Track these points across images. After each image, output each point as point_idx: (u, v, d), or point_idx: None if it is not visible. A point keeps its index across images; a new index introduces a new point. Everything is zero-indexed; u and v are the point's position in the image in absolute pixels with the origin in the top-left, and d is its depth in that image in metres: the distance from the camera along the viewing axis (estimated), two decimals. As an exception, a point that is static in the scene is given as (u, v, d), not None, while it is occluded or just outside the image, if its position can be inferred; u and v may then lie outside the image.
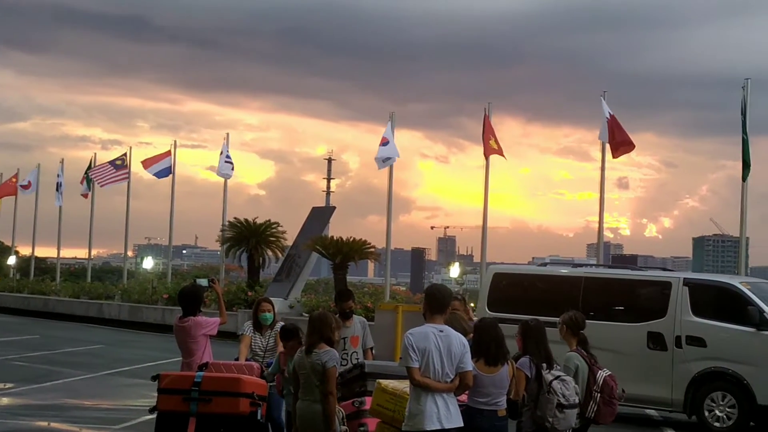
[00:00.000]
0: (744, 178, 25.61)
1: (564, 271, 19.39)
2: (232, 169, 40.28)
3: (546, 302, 17.98)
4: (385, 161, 31.79)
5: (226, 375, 10.10)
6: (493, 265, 20.87)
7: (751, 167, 25.57)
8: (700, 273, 17.74)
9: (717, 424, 16.39)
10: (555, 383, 8.93)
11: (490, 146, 29.98)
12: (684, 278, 17.32)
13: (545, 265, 20.47)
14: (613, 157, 27.98)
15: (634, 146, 28.03)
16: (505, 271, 20.69)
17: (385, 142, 31.63)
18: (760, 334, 16.09)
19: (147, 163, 43.03)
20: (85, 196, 47.17)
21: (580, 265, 21.65)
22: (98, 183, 44.70)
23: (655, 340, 16.98)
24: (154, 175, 42.79)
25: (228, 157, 39.85)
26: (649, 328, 17.10)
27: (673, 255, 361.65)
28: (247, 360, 11.30)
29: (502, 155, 30.69)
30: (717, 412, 16.43)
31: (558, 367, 9.31)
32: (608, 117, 27.55)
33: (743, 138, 25.35)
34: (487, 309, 18.59)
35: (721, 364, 16.42)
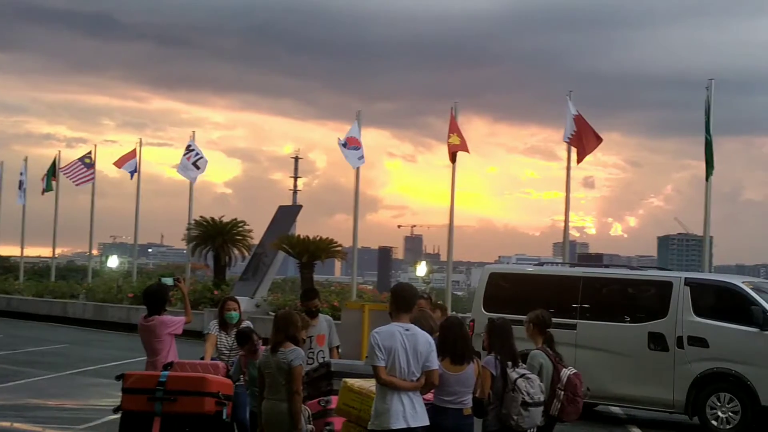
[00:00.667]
0: (707, 178, 25.80)
1: (561, 270, 19.12)
2: (199, 169, 39.72)
3: (543, 302, 17.58)
4: (360, 159, 31.98)
5: (192, 374, 10.03)
6: (489, 265, 20.38)
7: (714, 167, 25.78)
8: (701, 273, 17.73)
9: (719, 426, 16.10)
10: (520, 381, 8.94)
11: (452, 143, 29.82)
12: (685, 278, 17.00)
13: (541, 264, 20.26)
14: (578, 162, 28.10)
15: (601, 140, 28.09)
16: (501, 270, 20.23)
17: (354, 145, 31.64)
18: (763, 334, 15.82)
19: (120, 162, 42.79)
20: (42, 192, 46.78)
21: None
22: (74, 182, 44.35)
23: (656, 341, 16.66)
24: (129, 172, 42.58)
25: (197, 155, 39.36)
26: (650, 328, 16.80)
27: (638, 254, 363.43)
28: (212, 359, 11.23)
29: (466, 150, 30.57)
30: (719, 413, 16.13)
31: (523, 366, 9.33)
32: (574, 116, 27.67)
33: (706, 138, 25.53)
34: (482, 309, 18.39)
35: (723, 365, 16.10)
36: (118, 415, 9.94)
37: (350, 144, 31.79)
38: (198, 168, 39.33)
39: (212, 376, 9.91)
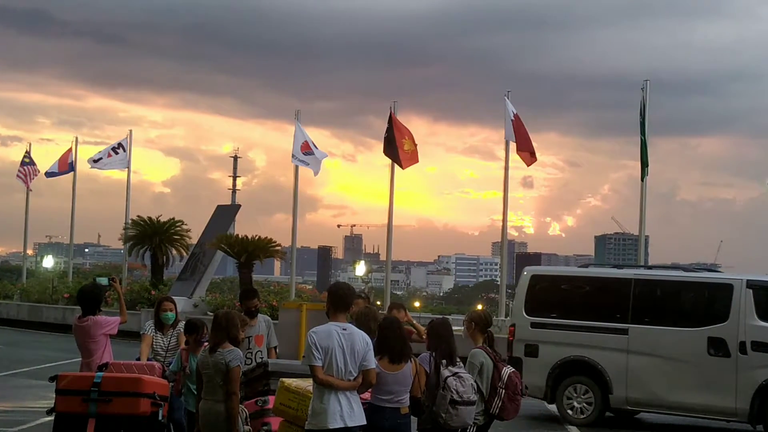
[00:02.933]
0: (642, 178, 26.20)
1: (610, 272, 18.09)
2: (106, 164, 39.18)
3: (591, 306, 17.22)
4: (320, 157, 32.01)
5: (127, 375, 9.94)
6: (529, 267, 19.42)
7: (649, 167, 26.16)
8: (764, 275, 16.93)
9: None
10: (450, 379, 8.96)
11: (406, 151, 29.68)
12: (747, 280, 16.09)
13: (586, 266, 19.40)
14: (527, 164, 28.29)
15: (535, 156, 28.33)
16: (543, 272, 19.34)
17: (309, 151, 31.59)
18: None
19: (61, 166, 42.24)
20: None
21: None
22: (27, 186, 43.97)
23: (717, 346, 15.82)
24: (59, 173, 41.95)
25: (115, 150, 38.89)
26: (710, 333, 15.92)
27: (575, 253, 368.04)
28: (148, 360, 11.14)
29: (416, 160, 30.24)
30: None
31: (461, 365, 9.35)
32: (512, 117, 27.90)
33: (641, 139, 25.91)
34: (524, 313, 17.56)
35: None
36: (51, 417, 9.83)
37: (304, 149, 31.69)
38: (115, 165, 39.06)
39: (148, 376, 9.82)
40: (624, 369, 16.54)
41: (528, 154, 28.28)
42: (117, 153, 39.07)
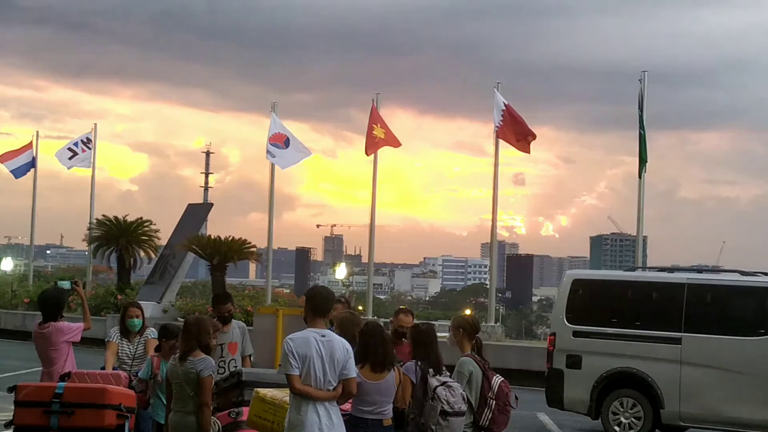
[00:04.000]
0: (640, 175, 26.26)
1: (660, 276, 17.62)
2: (83, 160, 39.06)
3: (639, 313, 16.96)
4: (301, 152, 31.84)
5: (91, 385, 9.92)
6: (570, 270, 19.04)
7: (647, 163, 26.24)
8: None
9: None
10: (440, 389, 8.96)
11: (376, 136, 29.74)
12: None
13: (633, 269, 19.14)
14: (523, 150, 28.38)
15: (534, 136, 28.39)
16: (586, 276, 18.93)
17: (285, 140, 31.44)
18: None
19: (5, 157, 41.64)
20: None
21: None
22: None
23: None
24: (11, 172, 41.29)
25: (77, 144, 38.74)
26: None
27: (570, 254, 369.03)
28: (114, 369, 11.12)
29: (394, 144, 30.47)
30: None
31: (447, 374, 9.36)
32: (503, 108, 27.91)
33: (640, 133, 25.97)
34: (565, 321, 17.26)
35: None
36: (10, 431, 9.77)
37: (272, 141, 31.50)
38: (82, 161, 38.89)
39: (113, 386, 9.80)
40: (676, 381, 16.20)
41: (525, 143, 28.27)
42: (89, 148, 38.87)
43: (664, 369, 16.32)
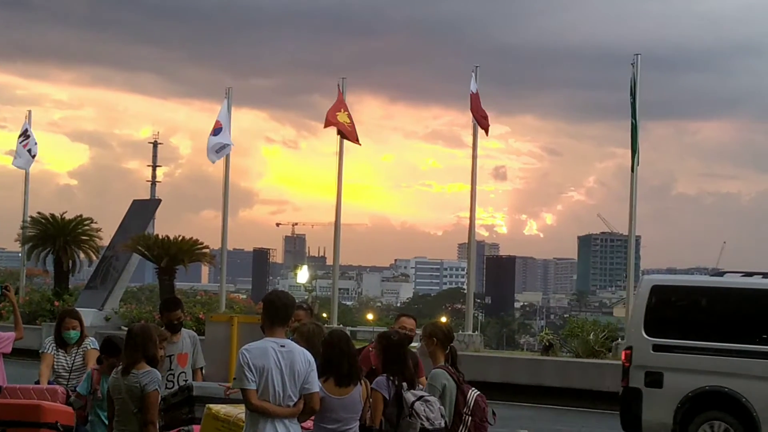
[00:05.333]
0: (633, 168, 26.42)
1: (754, 283, 16.92)
2: (34, 156, 39.07)
3: (731, 324, 16.46)
4: (219, 152, 31.60)
5: (24, 402, 9.91)
6: (648, 275, 18.55)
7: (639, 155, 26.39)
8: None
9: None
10: (417, 405, 8.97)
11: (341, 122, 29.69)
12: None
13: (721, 274, 18.36)
14: (486, 133, 28.68)
15: (487, 126, 28.69)
16: (668, 282, 18.18)
17: (218, 128, 31.34)
18: None
19: None
20: None
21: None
22: None
23: None
24: None
25: (26, 140, 38.66)
26: None
27: (556, 256, 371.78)
28: (49, 383, 11.07)
29: (354, 140, 30.47)
30: None
31: (421, 387, 9.37)
32: (473, 93, 28.10)
33: (632, 123, 26.13)
34: (644, 333, 16.67)
35: None
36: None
37: (215, 128, 31.47)
38: (32, 155, 38.71)
39: (48, 403, 9.79)
40: None
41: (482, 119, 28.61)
42: (29, 137, 38.65)
43: (760, 387, 15.73)
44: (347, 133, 30.13)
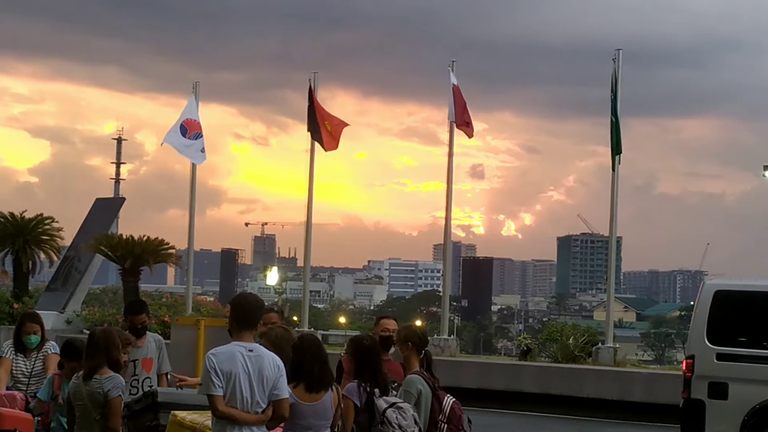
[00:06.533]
0: (614, 167, 26.50)
1: None
2: None
3: None
4: (203, 151, 31.70)
5: (-19, 409, 9.83)
6: (711, 281, 18.06)
7: (621, 154, 26.48)
8: None
9: None
10: (389, 412, 8.97)
11: (328, 132, 29.78)
12: None
13: None
14: (469, 136, 28.63)
15: (471, 128, 28.69)
16: (733, 287, 17.36)
17: (197, 132, 31.31)
18: None
19: None
20: None
21: None
22: None
23: None
24: None
25: None
26: None
27: (534, 258, 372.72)
28: (8, 388, 11.05)
29: (334, 146, 30.56)
30: None
31: (394, 394, 9.37)
32: (453, 86, 28.10)
33: (612, 120, 26.21)
34: (707, 341, 16.26)
35: None
36: None
37: (191, 130, 31.38)
38: None
39: (7, 410, 9.77)
40: None
41: (465, 126, 28.57)
42: None
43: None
44: (335, 137, 30.10)
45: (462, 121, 28.48)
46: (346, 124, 30.82)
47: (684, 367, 16.67)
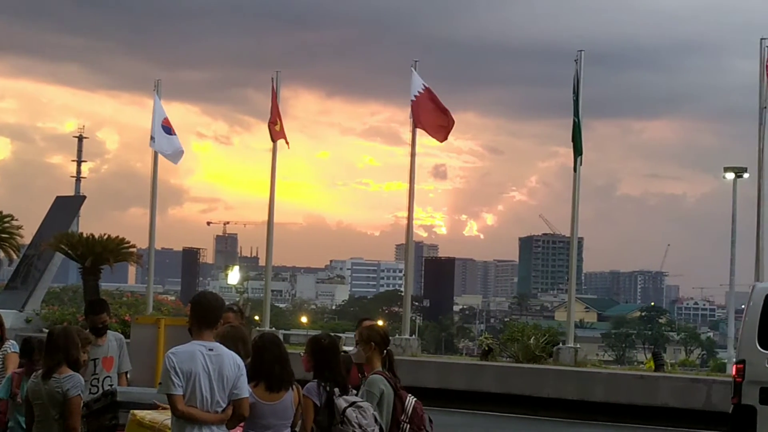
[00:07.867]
0: (575, 168, 26.63)
1: None
2: None
3: None
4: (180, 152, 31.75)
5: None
6: (762, 284, 17.49)
7: (583, 154, 26.60)
8: None
9: None
10: (349, 411, 8.96)
11: (275, 130, 30.00)
12: None
13: None
14: (438, 138, 28.60)
15: (453, 121, 28.62)
16: None
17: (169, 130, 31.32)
18: None
19: None
20: None
21: None
22: None
23: None
24: None
25: None
26: None
27: (496, 258, 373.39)
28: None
29: (285, 140, 30.73)
30: None
31: (354, 392, 9.37)
32: (422, 90, 28.08)
33: (574, 121, 26.33)
34: (758, 345, 15.79)
35: None
36: None
37: (172, 129, 31.43)
38: None
39: (-35, 409, 9.66)
40: None
41: (442, 129, 28.50)
42: None
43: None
44: (279, 136, 30.39)
45: (434, 125, 28.43)
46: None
47: (734, 372, 16.27)
